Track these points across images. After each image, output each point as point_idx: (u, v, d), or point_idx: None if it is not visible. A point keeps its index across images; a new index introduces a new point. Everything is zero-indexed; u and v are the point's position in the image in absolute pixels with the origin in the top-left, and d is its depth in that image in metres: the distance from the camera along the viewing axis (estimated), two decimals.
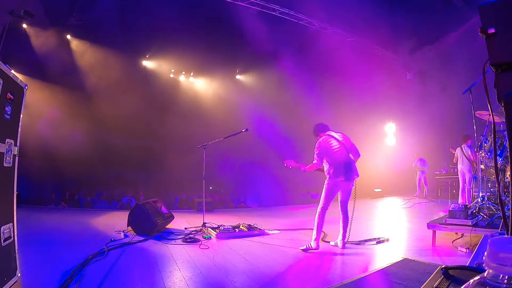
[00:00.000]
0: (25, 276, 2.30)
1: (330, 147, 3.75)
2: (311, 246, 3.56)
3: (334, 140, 3.79)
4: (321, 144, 3.79)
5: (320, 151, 3.78)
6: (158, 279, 2.62)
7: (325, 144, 3.78)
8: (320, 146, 3.78)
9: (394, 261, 3.04)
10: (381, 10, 8.75)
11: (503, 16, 1.22)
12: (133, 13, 9.12)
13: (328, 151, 3.74)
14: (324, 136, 3.85)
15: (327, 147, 3.75)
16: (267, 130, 11.43)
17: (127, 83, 10.30)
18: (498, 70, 1.25)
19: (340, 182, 3.65)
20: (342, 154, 3.70)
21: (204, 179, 5.06)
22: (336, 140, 3.79)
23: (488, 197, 4.38)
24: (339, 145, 3.76)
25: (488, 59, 1.27)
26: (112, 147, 10.50)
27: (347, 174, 3.66)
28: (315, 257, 3.35)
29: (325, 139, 3.81)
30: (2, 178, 1.95)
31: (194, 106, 12.03)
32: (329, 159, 3.73)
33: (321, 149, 3.77)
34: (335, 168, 3.66)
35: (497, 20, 1.23)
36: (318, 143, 3.81)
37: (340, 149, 3.73)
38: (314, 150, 3.80)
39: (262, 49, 10.46)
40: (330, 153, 3.73)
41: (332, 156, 3.71)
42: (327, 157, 3.74)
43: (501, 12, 1.23)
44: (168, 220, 5.16)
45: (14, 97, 2.00)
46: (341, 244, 3.68)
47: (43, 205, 8.53)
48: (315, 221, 3.62)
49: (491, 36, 1.23)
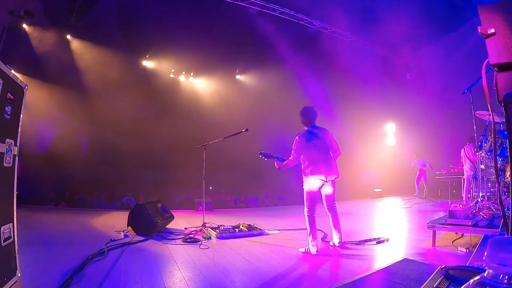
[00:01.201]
0: (25, 276, 2.30)
1: (309, 143, 3.50)
2: (310, 252, 3.43)
3: (314, 136, 3.55)
4: (299, 139, 3.54)
5: (297, 147, 3.53)
6: (158, 279, 2.62)
7: (303, 139, 3.53)
8: (298, 142, 3.54)
9: (394, 261, 3.04)
10: (381, 10, 8.75)
11: (503, 16, 1.22)
12: (133, 13, 9.12)
13: (306, 147, 3.49)
14: (304, 132, 3.62)
15: (305, 143, 3.50)
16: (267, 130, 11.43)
17: (127, 83, 10.30)
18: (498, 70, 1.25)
19: (318, 184, 3.47)
20: (321, 152, 3.48)
21: (204, 179, 5.06)
22: (315, 136, 3.55)
23: (488, 197, 4.38)
24: (319, 141, 3.52)
25: (488, 59, 1.27)
26: (112, 147, 10.50)
27: (326, 173, 3.45)
28: (315, 257, 3.35)
29: (304, 134, 3.58)
30: (2, 178, 1.95)
31: (194, 106, 12.03)
32: (307, 157, 3.50)
33: (299, 144, 3.52)
34: (313, 166, 3.44)
35: (497, 20, 1.23)
36: (296, 138, 3.57)
37: (320, 146, 3.50)
38: (293, 144, 3.56)
39: (262, 49, 10.47)
40: (308, 150, 3.48)
41: (310, 153, 3.48)
42: (304, 154, 3.50)
43: (501, 12, 1.23)
44: (168, 220, 5.16)
45: (14, 97, 2.00)
46: (338, 241, 3.59)
47: (43, 205, 8.51)
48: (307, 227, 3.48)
49: (491, 36, 1.23)
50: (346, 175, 11.21)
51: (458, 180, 9.64)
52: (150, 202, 4.96)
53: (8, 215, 2.00)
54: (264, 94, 12.23)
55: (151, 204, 4.93)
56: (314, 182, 3.45)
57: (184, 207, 10.08)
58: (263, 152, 3.71)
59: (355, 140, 11.53)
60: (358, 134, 12.04)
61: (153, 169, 11.49)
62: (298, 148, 3.52)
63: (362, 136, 12.38)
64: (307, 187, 3.49)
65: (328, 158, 3.51)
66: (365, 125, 12.40)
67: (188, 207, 9.90)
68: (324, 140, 3.55)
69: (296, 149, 3.53)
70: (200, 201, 7.25)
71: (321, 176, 3.43)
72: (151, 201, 5.08)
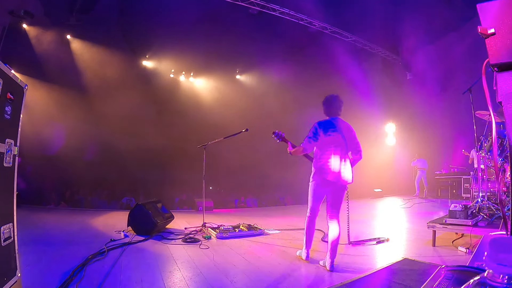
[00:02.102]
0: (25, 276, 2.30)
1: (326, 135, 3.01)
2: (301, 256, 3.23)
3: (334, 129, 3.05)
4: (317, 128, 3.05)
5: (313, 135, 3.03)
6: (158, 279, 2.62)
7: (320, 129, 3.04)
8: (315, 129, 3.05)
9: (394, 261, 3.04)
10: (381, 10, 8.75)
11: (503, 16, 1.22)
12: (133, 13, 9.13)
13: (321, 139, 3.00)
14: (324, 121, 3.13)
15: (321, 134, 3.01)
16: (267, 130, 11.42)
17: (127, 83, 10.30)
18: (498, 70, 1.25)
19: (327, 183, 2.98)
20: (337, 149, 2.99)
21: (204, 179, 5.06)
22: (336, 130, 3.05)
23: (488, 197, 4.38)
24: (338, 136, 3.03)
25: (488, 59, 1.27)
26: (112, 147, 10.51)
27: (338, 174, 2.95)
28: (315, 257, 3.35)
29: (323, 123, 3.09)
30: (2, 178, 1.95)
31: (194, 106, 12.03)
32: (320, 149, 3.03)
33: (315, 133, 3.03)
34: (325, 163, 2.96)
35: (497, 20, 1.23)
36: (314, 125, 3.08)
37: (337, 142, 3.01)
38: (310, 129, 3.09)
39: (262, 49, 10.47)
40: (323, 143, 3.00)
41: (325, 147, 2.99)
42: (318, 145, 3.03)
43: (501, 12, 1.23)
44: (168, 220, 5.16)
45: (14, 97, 2.00)
46: (329, 264, 2.88)
47: (43, 205, 8.51)
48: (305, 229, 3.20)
49: (491, 36, 1.23)
50: None
51: (458, 180, 9.64)
52: (150, 202, 4.95)
53: (8, 215, 2.00)
54: (264, 94, 12.23)
55: (151, 204, 4.92)
56: (321, 181, 3.01)
57: (184, 207, 10.08)
58: (276, 132, 3.24)
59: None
60: (358, 134, 12.03)
61: (153, 169, 11.48)
62: (313, 137, 3.02)
63: (362, 136, 12.34)
64: (311, 184, 3.11)
65: (343, 158, 3.00)
66: (365, 125, 12.40)
67: (188, 207, 9.90)
68: (344, 137, 3.05)
69: (311, 136, 3.03)
70: (200, 201, 7.25)
71: (329, 176, 2.94)
72: (151, 201, 5.08)
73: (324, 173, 2.96)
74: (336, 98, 3.21)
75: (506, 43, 1.21)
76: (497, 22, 1.22)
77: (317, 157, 3.06)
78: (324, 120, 3.13)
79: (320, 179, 3.01)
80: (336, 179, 2.95)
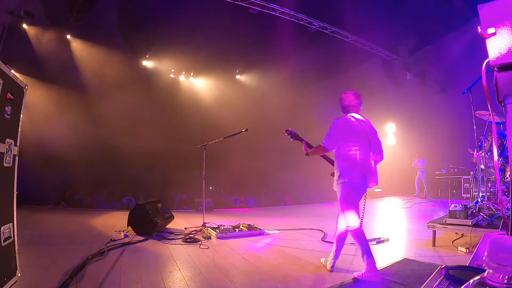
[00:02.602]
0: (25, 276, 2.30)
1: (350, 133, 2.74)
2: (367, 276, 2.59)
3: (356, 127, 2.78)
4: (340, 123, 2.79)
5: (334, 132, 2.76)
6: (158, 279, 2.62)
7: (344, 125, 2.77)
8: (336, 127, 2.78)
9: (394, 261, 3.04)
10: (381, 10, 8.75)
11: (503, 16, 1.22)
12: (133, 13, 9.12)
13: (346, 136, 2.74)
14: (345, 117, 2.86)
15: (343, 132, 2.74)
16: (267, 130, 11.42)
17: (127, 83, 10.30)
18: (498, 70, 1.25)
19: (355, 186, 2.70)
20: (361, 148, 2.72)
21: (204, 179, 5.06)
22: (358, 127, 2.78)
23: (488, 197, 4.38)
24: (361, 134, 2.77)
25: (488, 59, 1.27)
26: (113, 147, 10.50)
27: (364, 175, 2.73)
28: (315, 257, 3.35)
29: (345, 120, 2.82)
30: (2, 178, 1.95)
31: (194, 106, 12.03)
32: (343, 150, 2.75)
33: (338, 130, 2.76)
34: (350, 164, 2.70)
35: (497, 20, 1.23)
36: (335, 122, 2.81)
37: (360, 140, 2.75)
38: (329, 128, 2.82)
39: (262, 49, 10.47)
40: (347, 142, 2.73)
41: (349, 146, 2.73)
42: (341, 144, 2.75)
43: (501, 12, 1.23)
44: (168, 220, 5.16)
45: (14, 97, 2.00)
46: (330, 264, 2.85)
47: (43, 205, 8.51)
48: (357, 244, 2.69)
49: (491, 36, 1.23)
50: None
51: (458, 180, 9.65)
52: (150, 202, 4.95)
53: (8, 215, 2.00)
54: (264, 94, 12.23)
55: (151, 204, 4.92)
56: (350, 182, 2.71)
57: (184, 207, 10.08)
58: (289, 130, 3.02)
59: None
60: None
61: (153, 169, 11.48)
62: (334, 135, 2.76)
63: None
64: (343, 188, 2.73)
65: (368, 157, 2.76)
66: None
67: (188, 207, 9.90)
68: (367, 135, 2.80)
69: (331, 134, 2.77)
70: (200, 201, 7.25)
71: (355, 177, 2.70)
72: (151, 201, 5.08)
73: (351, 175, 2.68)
74: (355, 93, 2.97)
75: (506, 43, 1.21)
76: (497, 22, 1.22)
77: (341, 157, 2.77)
78: (344, 117, 2.87)
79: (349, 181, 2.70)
80: (362, 182, 2.72)
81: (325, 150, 2.79)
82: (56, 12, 8.47)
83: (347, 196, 2.70)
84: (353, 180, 2.69)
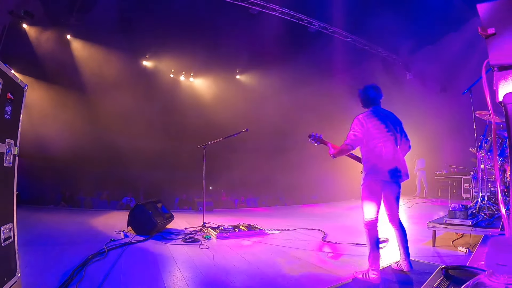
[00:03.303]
0: (25, 276, 2.30)
1: (373, 127, 2.63)
2: (368, 277, 2.54)
3: (381, 120, 2.67)
4: (361, 120, 2.67)
5: (356, 130, 2.65)
6: (158, 279, 2.62)
7: (366, 120, 2.66)
8: (359, 123, 2.66)
9: (394, 261, 3.04)
10: (381, 10, 8.75)
11: (503, 16, 1.22)
12: (133, 13, 9.12)
13: (369, 133, 2.63)
14: (367, 112, 2.74)
15: (367, 127, 2.63)
16: (267, 130, 11.43)
17: (127, 83, 10.30)
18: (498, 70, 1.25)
19: (382, 183, 2.61)
20: (387, 141, 2.61)
21: (204, 179, 5.06)
22: (383, 120, 2.68)
23: (488, 197, 4.38)
24: (387, 127, 2.65)
25: (488, 59, 1.27)
26: (113, 147, 10.51)
27: (393, 172, 2.59)
28: (314, 258, 3.35)
29: (368, 115, 2.70)
30: (2, 178, 1.95)
31: (194, 106, 12.03)
32: (368, 148, 2.65)
33: (360, 126, 2.65)
34: (376, 161, 2.60)
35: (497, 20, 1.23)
36: (357, 119, 2.70)
37: (387, 133, 2.63)
38: (351, 125, 2.71)
39: (262, 49, 10.47)
40: (371, 138, 2.62)
41: (373, 141, 2.62)
42: (365, 142, 2.65)
43: (501, 12, 1.23)
44: (168, 220, 5.16)
45: (14, 97, 2.00)
46: (406, 265, 2.66)
47: (43, 205, 8.52)
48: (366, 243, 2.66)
49: (491, 36, 1.23)
50: (346, 175, 11.24)
51: (458, 180, 9.64)
52: (150, 202, 4.96)
53: (8, 215, 2.00)
54: (264, 94, 12.23)
55: (151, 204, 4.92)
56: (374, 181, 2.62)
57: (184, 207, 10.08)
58: (313, 134, 2.91)
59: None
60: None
61: (153, 169, 11.49)
62: (356, 131, 2.65)
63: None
64: (365, 187, 2.65)
65: (396, 151, 2.64)
66: None
67: (188, 207, 9.90)
68: (393, 127, 2.69)
69: (354, 131, 2.66)
70: (200, 201, 7.25)
71: (385, 177, 2.59)
72: (151, 201, 5.08)
73: (377, 174, 2.59)
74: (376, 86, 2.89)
75: (506, 43, 1.21)
76: (497, 22, 1.22)
77: (364, 155, 2.69)
78: (367, 112, 2.74)
79: (374, 179, 2.61)
80: (392, 179, 2.61)
81: (349, 149, 2.68)
82: (56, 12, 8.47)
83: (369, 192, 2.63)
84: (377, 177, 2.60)
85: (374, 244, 2.59)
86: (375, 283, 2.50)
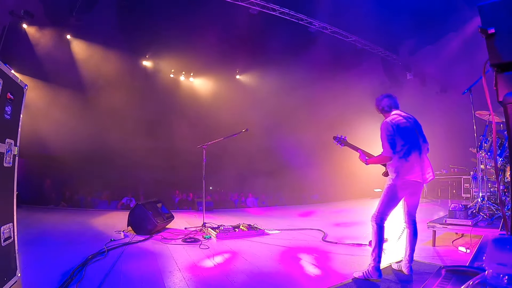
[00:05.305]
0: (25, 276, 2.30)
1: (402, 131, 2.64)
2: (370, 274, 2.56)
3: (406, 124, 2.70)
4: (388, 126, 2.66)
5: (391, 134, 2.61)
6: (158, 279, 2.62)
7: (393, 125, 2.65)
8: (391, 126, 2.64)
9: (394, 261, 3.04)
10: (381, 10, 8.75)
11: (503, 16, 1.22)
12: (133, 13, 9.12)
13: (399, 136, 2.63)
14: (393, 117, 2.74)
15: (398, 130, 2.63)
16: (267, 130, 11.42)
17: (127, 83, 10.30)
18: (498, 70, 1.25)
19: (411, 183, 2.63)
20: (414, 144, 2.66)
21: (204, 179, 5.06)
22: (407, 124, 2.70)
23: (488, 197, 4.38)
24: (412, 130, 2.70)
25: (488, 59, 1.27)
26: (112, 147, 10.50)
27: (422, 172, 2.64)
28: (314, 258, 3.35)
29: (395, 121, 2.70)
30: (2, 178, 1.95)
31: (194, 106, 12.03)
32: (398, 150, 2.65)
33: (390, 132, 2.62)
34: (407, 162, 2.59)
35: (497, 20, 1.23)
36: (386, 123, 2.69)
37: (413, 136, 2.69)
38: (381, 134, 2.68)
39: (262, 49, 10.47)
40: (401, 140, 2.63)
41: (403, 145, 2.63)
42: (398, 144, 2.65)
43: (501, 12, 1.23)
44: (168, 220, 5.16)
45: (14, 97, 2.00)
46: (407, 268, 2.69)
47: (43, 205, 8.51)
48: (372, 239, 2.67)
49: (491, 36, 1.23)
50: (346, 175, 11.24)
51: (458, 180, 9.64)
52: (150, 202, 4.96)
53: (8, 215, 2.00)
54: (264, 94, 12.22)
55: (151, 204, 4.93)
56: (404, 183, 2.61)
57: (184, 207, 10.08)
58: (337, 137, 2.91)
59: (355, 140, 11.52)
60: (358, 134, 12.04)
61: (153, 169, 11.48)
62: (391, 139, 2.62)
63: (362, 135, 12.37)
64: (391, 188, 2.65)
65: (423, 152, 2.71)
66: (365, 125, 12.41)
67: (188, 207, 9.90)
68: (416, 130, 2.74)
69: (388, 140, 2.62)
70: (200, 201, 7.25)
71: (416, 177, 2.61)
72: (151, 201, 5.08)
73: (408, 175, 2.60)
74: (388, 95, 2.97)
75: (506, 43, 1.21)
76: (497, 22, 1.23)
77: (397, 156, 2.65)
78: (392, 118, 2.75)
79: (403, 182, 2.61)
80: (419, 177, 2.63)
81: (388, 158, 2.66)
82: (56, 12, 8.47)
83: (395, 193, 2.65)
84: (409, 178, 2.61)
85: (381, 242, 2.63)
86: (376, 280, 2.54)
